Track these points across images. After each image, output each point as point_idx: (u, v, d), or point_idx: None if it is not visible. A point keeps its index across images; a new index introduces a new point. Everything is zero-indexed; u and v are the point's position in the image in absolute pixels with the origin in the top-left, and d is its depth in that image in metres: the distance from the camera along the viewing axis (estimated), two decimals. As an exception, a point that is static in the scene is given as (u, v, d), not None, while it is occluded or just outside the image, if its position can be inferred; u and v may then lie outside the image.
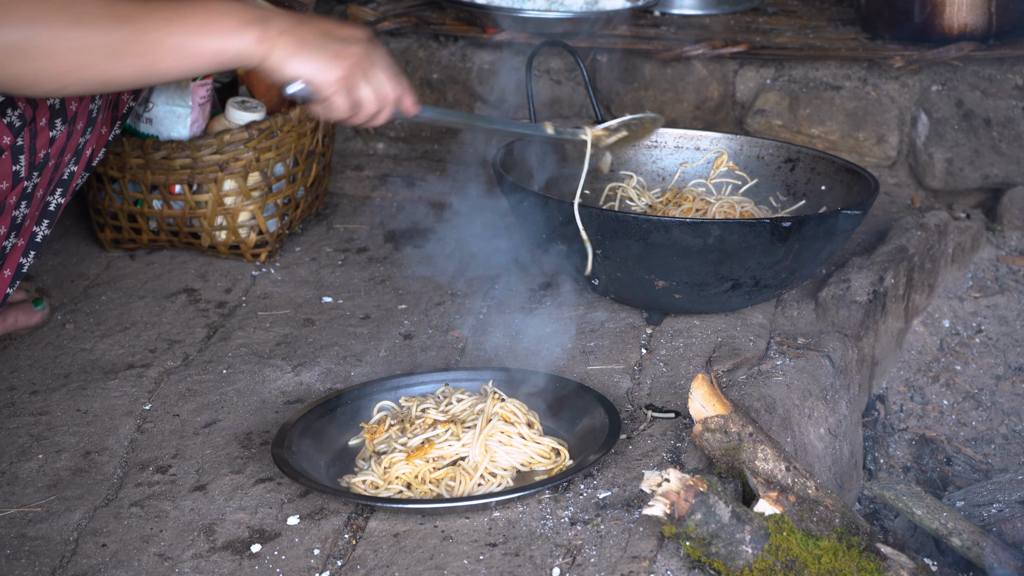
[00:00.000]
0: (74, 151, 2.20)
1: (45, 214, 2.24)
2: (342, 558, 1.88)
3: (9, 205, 2.15)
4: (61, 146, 2.16)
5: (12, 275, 2.22)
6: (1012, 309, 2.83)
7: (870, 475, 2.55)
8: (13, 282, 2.22)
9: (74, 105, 2.16)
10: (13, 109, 2.06)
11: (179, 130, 2.67)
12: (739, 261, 2.31)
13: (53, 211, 2.25)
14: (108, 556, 1.90)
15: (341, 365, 2.37)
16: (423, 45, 3.33)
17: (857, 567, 1.80)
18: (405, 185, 3.11)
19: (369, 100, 2.05)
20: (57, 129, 2.14)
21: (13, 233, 2.18)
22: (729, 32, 3.26)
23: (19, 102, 2.06)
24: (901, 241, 2.71)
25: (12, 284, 2.22)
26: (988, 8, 3.04)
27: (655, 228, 2.28)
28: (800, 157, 2.66)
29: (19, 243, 2.21)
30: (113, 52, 1.87)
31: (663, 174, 2.73)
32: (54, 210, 2.25)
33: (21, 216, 2.18)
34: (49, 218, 2.25)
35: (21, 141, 2.09)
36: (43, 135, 2.12)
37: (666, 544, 1.85)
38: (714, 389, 1.95)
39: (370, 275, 2.71)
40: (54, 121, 2.13)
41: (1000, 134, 3.06)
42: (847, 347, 2.43)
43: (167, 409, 2.26)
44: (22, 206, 2.17)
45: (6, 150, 2.08)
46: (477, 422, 2.04)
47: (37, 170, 2.15)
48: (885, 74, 3.11)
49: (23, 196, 2.16)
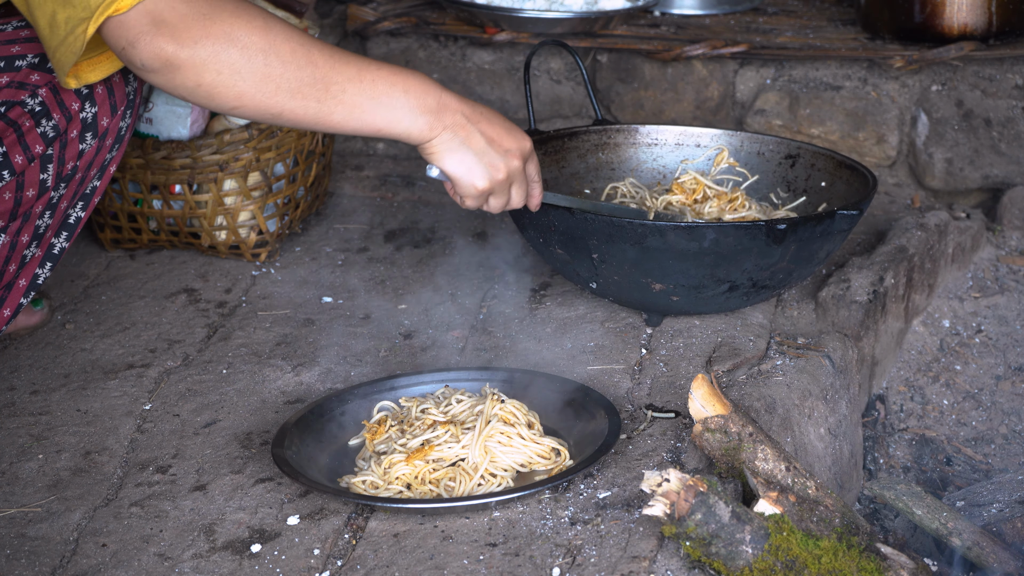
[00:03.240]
0: (100, 166, 2.21)
1: (65, 226, 2.25)
2: (342, 558, 1.88)
3: (34, 214, 2.15)
4: (89, 160, 2.17)
5: (27, 285, 2.22)
6: (1012, 309, 2.83)
7: (870, 475, 2.55)
8: (28, 292, 2.22)
9: (105, 121, 2.17)
10: (48, 119, 2.07)
11: (179, 130, 2.67)
12: (735, 264, 2.31)
13: (73, 224, 2.25)
14: (108, 556, 1.90)
15: (341, 365, 2.37)
16: (423, 45, 3.33)
17: (857, 567, 1.80)
18: (405, 185, 3.11)
19: (496, 207, 2.13)
20: (87, 143, 2.14)
21: (35, 243, 2.19)
22: (729, 32, 3.26)
23: (54, 113, 2.07)
24: (901, 241, 2.71)
25: (26, 295, 2.22)
26: (988, 8, 3.04)
27: (650, 232, 2.27)
28: (800, 153, 2.66)
29: (37, 254, 2.21)
30: (295, 90, 1.92)
31: (664, 171, 2.73)
32: (74, 223, 2.25)
33: (44, 226, 2.19)
34: (68, 231, 2.25)
35: (51, 151, 2.10)
36: (72, 147, 2.13)
37: (666, 544, 1.85)
38: (714, 389, 1.95)
39: (370, 275, 2.71)
40: (84, 135, 2.13)
41: (1000, 134, 3.06)
42: (847, 347, 2.43)
43: (167, 409, 2.26)
44: (46, 216, 2.18)
45: (36, 159, 2.09)
46: (477, 423, 2.04)
47: (64, 181, 2.15)
48: (885, 74, 3.11)
49: (48, 206, 2.16)
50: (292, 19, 2.88)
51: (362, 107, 1.97)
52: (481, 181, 2.07)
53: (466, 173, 2.06)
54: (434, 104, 2.00)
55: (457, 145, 2.04)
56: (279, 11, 2.89)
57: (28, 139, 2.07)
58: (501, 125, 2.07)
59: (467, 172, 2.06)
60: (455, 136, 2.03)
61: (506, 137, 2.07)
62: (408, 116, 1.99)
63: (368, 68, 1.96)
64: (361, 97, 1.96)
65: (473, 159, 2.05)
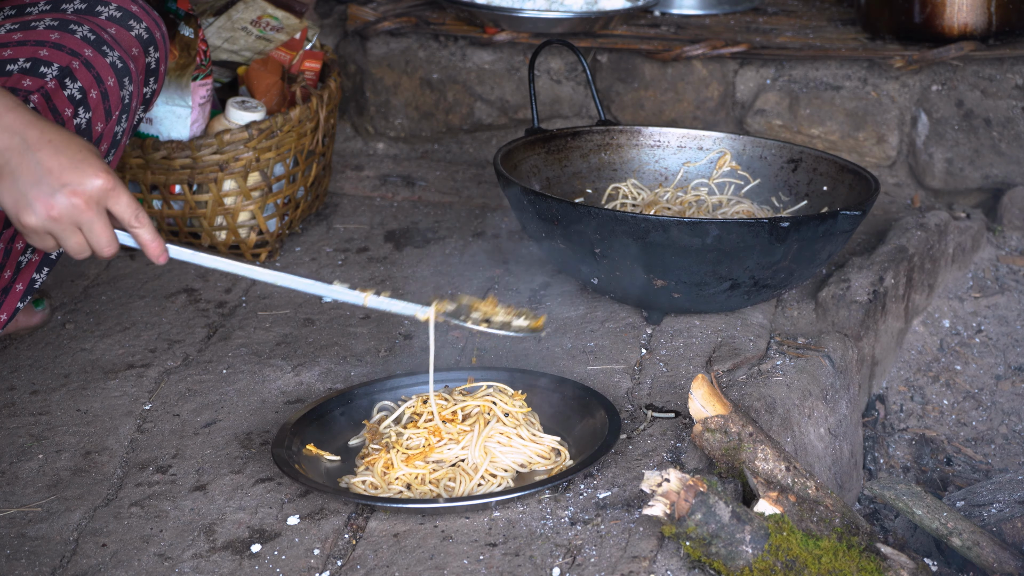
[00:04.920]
0: None
1: None
2: (342, 558, 1.88)
3: None
4: None
5: (24, 289, 2.21)
6: (1012, 309, 2.83)
7: (870, 475, 2.55)
8: (24, 297, 2.22)
9: (100, 127, 2.16)
10: None
11: (179, 130, 2.67)
12: (738, 261, 2.31)
13: None
14: (108, 556, 1.90)
15: (341, 365, 2.37)
16: (423, 45, 3.33)
17: (857, 567, 1.80)
18: (405, 185, 3.11)
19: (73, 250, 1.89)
20: None
21: (31, 248, 2.18)
22: (729, 32, 3.26)
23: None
24: (901, 241, 2.71)
25: (23, 299, 2.22)
26: (988, 8, 3.04)
27: (653, 227, 2.28)
28: (803, 158, 2.66)
29: (34, 259, 2.20)
30: None
31: (666, 174, 2.74)
32: None
33: None
34: None
35: None
36: None
37: (666, 544, 1.85)
38: (714, 389, 1.95)
39: (370, 275, 2.71)
40: None
41: (1000, 134, 3.06)
42: (847, 347, 2.43)
43: (167, 409, 2.26)
44: None
45: None
46: (476, 423, 2.04)
47: None
48: (885, 74, 3.11)
49: None
50: (292, 19, 2.88)
51: None
52: (27, 216, 1.84)
53: (12, 204, 1.85)
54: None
55: (7, 172, 1.83)
56: (279, 11, 2.89)
57: None
58: (69, 157, 1.84)
59: (13, 203, 1.85)
60: (7, 162, 1.83)
61: (68, 171, 1.84)
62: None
63: None
64: None
65: (20, 191, 1.84)
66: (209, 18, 2.86)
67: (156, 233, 1.90)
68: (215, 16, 2.87)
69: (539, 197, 2.39)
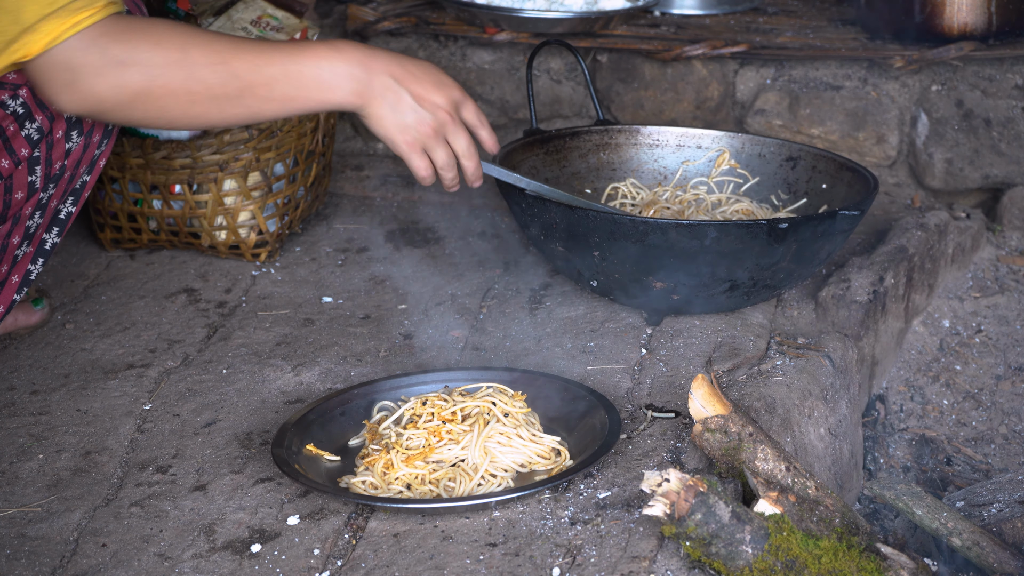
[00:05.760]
0: (89, 162, 2.21)
1: (56, 222, 2.25)
2: (342, 558, 1.88)
3: (24, 216, 2.15)
4: (77, 158, 2.17)
5: (20, 281, 2.22)
6: (1012, 309, 2.83)
7: (870, 475, 2.55)
8: (20, 289, 2.23)
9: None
10: (31, 122, 2.07)
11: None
12: (737, 262, 2.31)
13: (64, 219, 2.25)
14: (108, 556, 1.90)
15: (341, 365, 2.37)
16: (423, 45, 3.33)
17: (857, 567, 1.80)
18: (405, 185, 3.11)
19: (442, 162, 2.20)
20: (73, 141, 2.14)
21: (26, 242, 2.19)
22: (729, 32, 3.26)
23: (37, 115, 2.07)
24: (901, 241, 2.71)
25: (19, 291, 2.23)
26: (988, 8, 3.04)
27: (652, 230, 2.27)
28: (801, 155, 2.66)
29: (29, 251, 2.21)
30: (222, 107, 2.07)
31: (665, 173, 2.74)
32: (64, 218, 2.25)
33: (35, 226, 2.19)
34: (60, 226, 2.25)
35: (38, 152, 2.10)
36: (59, 147, 2.13)
37: (666, 544, 1.85)
38: (714, 389, 1.95)
39: (370, 275, 2.71)
40: (70, 133, 2.13)
41: (1000, 134, 3.06)
42: (847, 347, 2.43)
43: (167, 409, 2.26)
44: (36, 216, 2.18)
45: (23, 161, 2.09)
46: (476, 424, 2.04)
47: (53, 181, 2.16)
48: (885, 74, 3.11)
49: (38, 207, 2.17)
50: (292, 19, 2.88)
51: (292, 97, 2.09)
52: (412, 139, 2.16)
53: (397, 134, 2.15)
54: (361, 74, 2.10)
55: (387, 109, 2.13)
56: (279, 11, 2.89)
57: (14, 144, 2.07)
58: (429, 80, 2.15)
59: (399, 132, 2.15)
60: (384, 100, 2.12)
61: (434, 92, 2.15)
62: (339, 92, 2.10)
63: (293, 59, 2.07)
64: (289, 89, 2.08)
65: (402, 120, 2.15)
66: (209, 18, 2.86)
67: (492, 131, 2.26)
68: (215, 16, 2.87)
69: (537, 200, 2.39)
